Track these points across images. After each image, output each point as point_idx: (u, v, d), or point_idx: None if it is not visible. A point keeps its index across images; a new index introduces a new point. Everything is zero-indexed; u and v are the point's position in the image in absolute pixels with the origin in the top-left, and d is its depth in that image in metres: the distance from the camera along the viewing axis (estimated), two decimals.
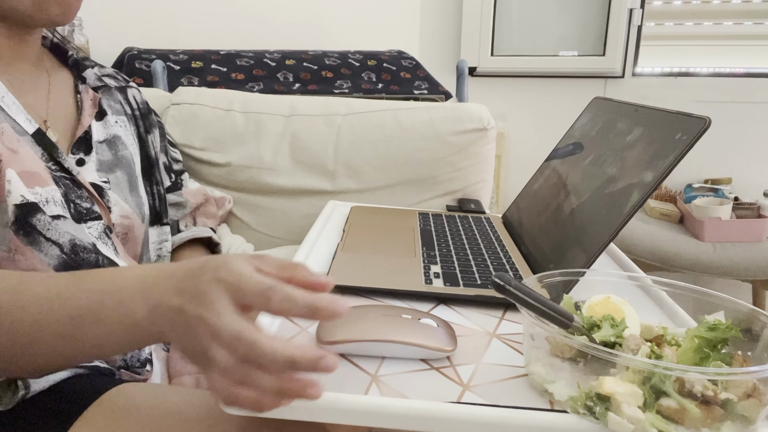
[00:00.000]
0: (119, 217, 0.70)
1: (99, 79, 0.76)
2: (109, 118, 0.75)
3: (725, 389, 0.38)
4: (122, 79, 0.82)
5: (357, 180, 1.11)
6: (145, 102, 0.85)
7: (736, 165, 2.15)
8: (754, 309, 0.44)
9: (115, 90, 0.79)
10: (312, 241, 0.74)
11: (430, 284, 0.61)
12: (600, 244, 0.58)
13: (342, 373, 0.44)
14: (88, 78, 0.75)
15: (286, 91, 1.47)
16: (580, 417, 0.39)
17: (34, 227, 0.57)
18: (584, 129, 0.82)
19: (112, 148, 0.73)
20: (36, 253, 0.58)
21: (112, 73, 0.81)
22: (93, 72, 0.76)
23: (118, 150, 0.74)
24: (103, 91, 0.76)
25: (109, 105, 0.77)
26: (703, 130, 0.54)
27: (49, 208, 0.59)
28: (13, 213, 0.56)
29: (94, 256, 0.62)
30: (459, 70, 1.55)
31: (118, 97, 0.79)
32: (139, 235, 0.73)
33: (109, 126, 0.74)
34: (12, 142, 0.58)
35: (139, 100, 0.83)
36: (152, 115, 0.86)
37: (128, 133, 0.78)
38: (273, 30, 1.85)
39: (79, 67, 0.75)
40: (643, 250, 1.86)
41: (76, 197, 0.63)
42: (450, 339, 0.48)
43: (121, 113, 0.78)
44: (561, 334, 0.40)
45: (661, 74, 2.20)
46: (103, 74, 0.78)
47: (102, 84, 0.76)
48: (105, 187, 0.69)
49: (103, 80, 0.77)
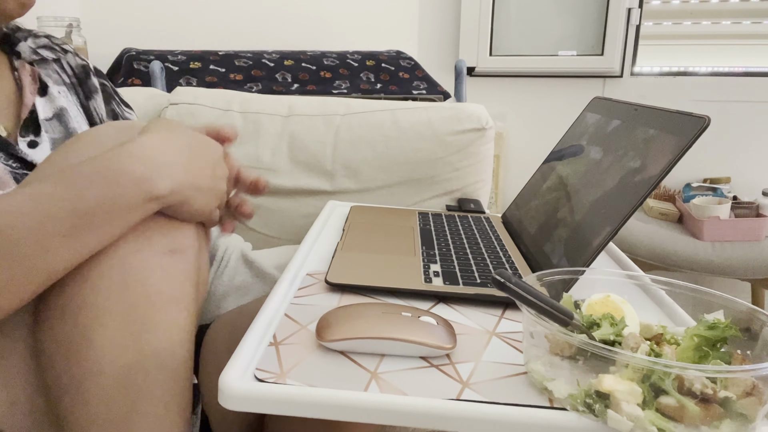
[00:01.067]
0: None
1: (35, 52, 0.72)
2: (52, 90, 0.71)
3: (724, 388, 0.38)
4: (59, 48, 0.77)
5: (355, 180, 1.11)
6: (82, 65, 0.78)
7: (734, 164, 2.15)
8: (753, 308, 0.44)
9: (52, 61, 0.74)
10: (312, 241, 0.74)
11: (430, 283, 0.61)
12: (599, 243, 0.58)
13: (342, 370, 0.44)
14: (23, 52, 0.70)
15: (284, 91, 1.47)
16: (580, 414, 0.39)
17: None
18: (583, 129, 0.82)
19: (61, 123, 0.70)
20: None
21: (48, 43, 0.75)
22: (27, 45, 0.71)
23: (69, 123, 0.71)
24: (40, 63, 0.72)
25: (48, 75, 0.72)
26: (702, 129, 0.54)
27: None
28: None
29: None
30: (457, 70, 1.55)
31: (55, 67, 0.74)
32: None
33: (53, 99, 0.71)
34: None
35: (74, 65, 0.77)
36: (91, 78, 0.79)
37: (71, 103, 0.73)
38: (271, 30, 1.85)
39: (11, 41, 0.70)
40: (642, 249, 1.87)
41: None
42: (449, 337, 0.48)
43: (61, 83, 0.74)
44: (561, 331, 0.41)
45: (660, 74, 2.20)
46: (38, 46, 0.73)
47: (39, 57, 0.72)
48: None
49: (39, 53, 0.72)
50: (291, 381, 0.42)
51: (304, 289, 0.59)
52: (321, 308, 0.55)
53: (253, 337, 0.47)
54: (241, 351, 0.44)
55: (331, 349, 0.47)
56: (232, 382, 0.41)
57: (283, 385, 0.41)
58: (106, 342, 0.47)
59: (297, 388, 0.41)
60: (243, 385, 0.41)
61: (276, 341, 0.48)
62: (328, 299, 0.58)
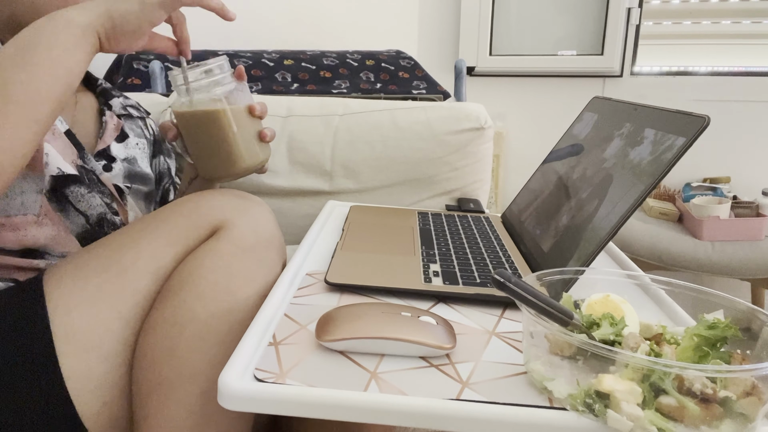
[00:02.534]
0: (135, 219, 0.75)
1: (123, 108, 0.84)
2: (130, 141, 0.82)
3: (724, 387, 0.38)
4: (143, 111, 0.90)
5: (354, 180, 1.11)
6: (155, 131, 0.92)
7: (734, 164, 2.15)
8: (752, 307, 0.44)
9: (136, 117, 0.86)
10: (311, 241, 0.74)
11: (430, 283, 0.61)
12: (599, 243, 0.58)
13: (341, 370, 0.44)
14: (114, 106, 0.82)
15: (284, 91, 1.47)
16: (579, 414, 0.39)
17: (66, 197, 0.65)
18: (583, 128, 0.82)
19: (131, 165, 0.80)
20: (63, 220, 0.65)
21: (136, 105, 0.88)
22: (119, 101, 0.84)
23: (136, 168, 0.81)
24: (126, 118, 0.83)
25: (131, 129, 0.83)
26: (702, 128, 0.54)
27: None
28: (49, 183, 0.64)
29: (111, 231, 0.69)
30: (457, 69, 1.55)
31: (140, 123, 0.86)
32: None
33: (129, 147, 0.81)
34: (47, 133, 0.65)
35: (154, 128, 0.90)
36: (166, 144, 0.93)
37: (144, 156, 0.84)
38: (271, 30, 1.85)
39: (106, 95, 0.83)
40: (641, 249, 1.87)
41: (98, 192, 0.70)
42: (449, 337, 0.48)
43: (142, 137, 0.85)
44: (560, 331, 0.40)
45: (660, 73, 2.20)
46: (127, 104, 0.85)
47: (126, 113, 0.84)
48: (126, 191, 0.76)
49: (128, 110, 0.84)
50: (290, 381, 0.42)
51: (303, 289, 0.59)
52: (320, 308, 0.55)
53: (253, 337, 0.47)
54: (241, 351, 0.44)
55: (330, 349, 0.47)
56: (231, 382, 0.41)
57: (282, 385, 0.41)
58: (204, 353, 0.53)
59: (297, 388, 0.41)
60: (242, 385, 0.41)
61: (275, 341, 0.48)
62: (327, 299, 0.57)
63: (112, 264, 0.56)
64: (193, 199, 0.61)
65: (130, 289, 0.55)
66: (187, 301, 0.53)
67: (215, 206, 0.60)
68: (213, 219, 0.59)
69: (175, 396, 0.51)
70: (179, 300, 0.54)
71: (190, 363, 0.52)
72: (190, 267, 0.55)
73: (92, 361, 0.52)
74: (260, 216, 0.61)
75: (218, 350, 0.53)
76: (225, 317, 0.53)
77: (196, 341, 0.52)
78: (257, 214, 0.61)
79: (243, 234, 0.58)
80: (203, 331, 0.53)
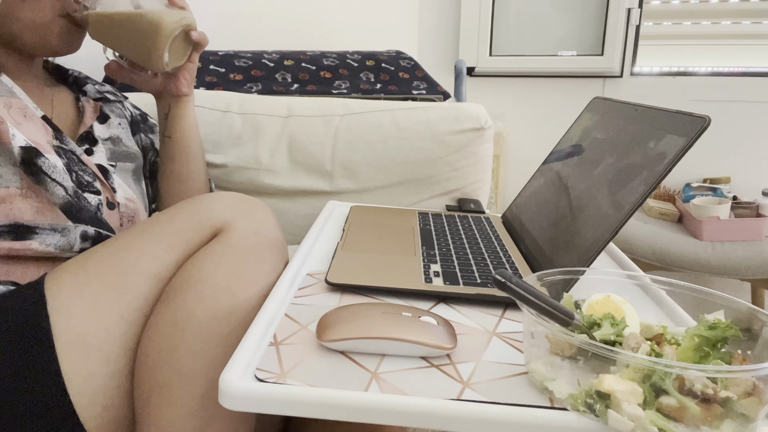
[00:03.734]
0: (124, 198, 0.77)
1: (99, 93, 0.85)
2: (112, 121, 0.83)
3: (725, 388, 0.38)
4: (120, 95, 0.91)
5: (354, 180, 1.11)
6: (138, 110, 0.95)
7: (734, 164, 2.15)
8: (753, 308, 0.44)
9: (114, 101, 0.87)
10: (312, 241, 0.74)
11: (430, 283, 0.61)
12: (599, 243, 0.58)
13: (342, 370, 0.44)
14: (88, 92, 0.83)
15: (284, 91, 1.47)
16: (580, 414, 0.39)
17: (40, 168, 0.65)
18: (583, 129, 0.82)
19: (115, 145, 0.81)
20: (44, 192, 0.66)
21: (111, 90, 0.89)
22: (93, 87, 0.85)
23: (121, 146, 0.82)
24: (104, 101, 0.84)
25: (111, 110, 0.84)
26: (703, 129, 0.54)
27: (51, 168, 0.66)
28: (19, 155, 0.64)
29: (95, 206, 0.71)
30: (457, 70, 1.55)
31: (119, 105, 0.88)
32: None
33: (111, 127, 0.82)
34: (18, 117, 0.67)
35: (132, 110, 0.92)
36: (148, 122, 0.95)
37: (128, 135, 0.86)
38: (271, 30, 1.85)
39: (79, 83, 0.84)
40: (642, 249, 1.87)
41: (79, 170, 0.71)
42: (450, 337, 0.48)
43: (123, 116, 0.86)
44: (561, 331, 0.40)
45: (660, 74, 2.20)
46: (102, 90, 0.86)
47: (101, 96, 0.85)
48: (110, 170, 0.77)
49: (103, 94, 0.85)
50: (291, 381, 0.42)
51: (304, 289, 0.59)
52: (321, 308, 0.55)
53: (254, 337, 0.47)
54: (241, 351, 0.44)
55: (331, 349, 0.47)
56: (232, 382, 0.41)
57: (283, 385, 0.41)
58: (205, 355, 0.52)
59: (297, 388, 0.41)
60: (243, 385, 0.41)
61: (276, 341, 0.48)
62: (328, 299, 0.57)
63: (113, 267, 0.56)
64: (194, 201, 0.61)
65: (132, 292, 0.55)
66: (188, 303, 0.53)
67: (216, 209, 0.60)
68: (214, 221, 0.59)
69: (176, 398, 0.51)
70: (180, 302, 0.54)
71: (191, 365, 0.52)
72: (192, 269, 0.55)
73: (93, 365, 0.52)
74: (262, 218, 0.61)
75: (219, 352, 0.53)
76: (226, 319, 0.53)
77: (197, 343, 0.52)
78: (259, 216, 0.61)
79: (244, 236, 0.58)
80: (204, 333, 0.53)
